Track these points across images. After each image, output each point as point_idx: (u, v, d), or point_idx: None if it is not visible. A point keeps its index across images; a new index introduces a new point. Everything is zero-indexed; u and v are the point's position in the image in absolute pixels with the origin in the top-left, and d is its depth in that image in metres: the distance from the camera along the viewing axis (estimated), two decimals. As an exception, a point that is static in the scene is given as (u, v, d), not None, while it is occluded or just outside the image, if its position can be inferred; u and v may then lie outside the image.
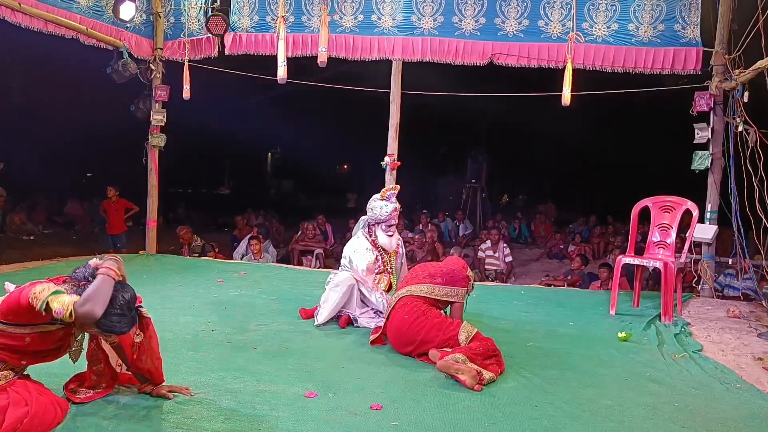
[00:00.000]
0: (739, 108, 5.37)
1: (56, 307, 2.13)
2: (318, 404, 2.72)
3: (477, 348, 3.21)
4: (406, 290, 3.60)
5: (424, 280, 3.59)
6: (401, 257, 4.54)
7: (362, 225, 4.43)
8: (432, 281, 3.57)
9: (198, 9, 6.88)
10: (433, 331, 3.36)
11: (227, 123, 12.46)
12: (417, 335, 3.38)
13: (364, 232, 4.37)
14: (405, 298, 3.56)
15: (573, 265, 8.34)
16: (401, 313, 3.50)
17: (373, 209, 4.30)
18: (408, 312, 3.47)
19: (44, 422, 2.24)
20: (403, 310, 3.50)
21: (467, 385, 2.95)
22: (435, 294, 3.54)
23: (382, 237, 4.29)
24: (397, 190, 4.37)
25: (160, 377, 2.69)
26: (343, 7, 6.47)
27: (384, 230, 4.28)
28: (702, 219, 5.54)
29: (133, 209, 8.80)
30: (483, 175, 13.25)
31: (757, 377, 3.33)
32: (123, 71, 6.51)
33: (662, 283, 4.66)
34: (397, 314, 3.52)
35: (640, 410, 2.81)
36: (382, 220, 4.27)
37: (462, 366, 3.02)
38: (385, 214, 4.25)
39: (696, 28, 5.85)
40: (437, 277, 3.58)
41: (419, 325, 3.40)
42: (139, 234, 7.94)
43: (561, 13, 6.11)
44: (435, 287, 3.55)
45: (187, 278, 5.73)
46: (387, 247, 4.32)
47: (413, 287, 3.58)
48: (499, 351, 3.29)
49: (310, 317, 4.27)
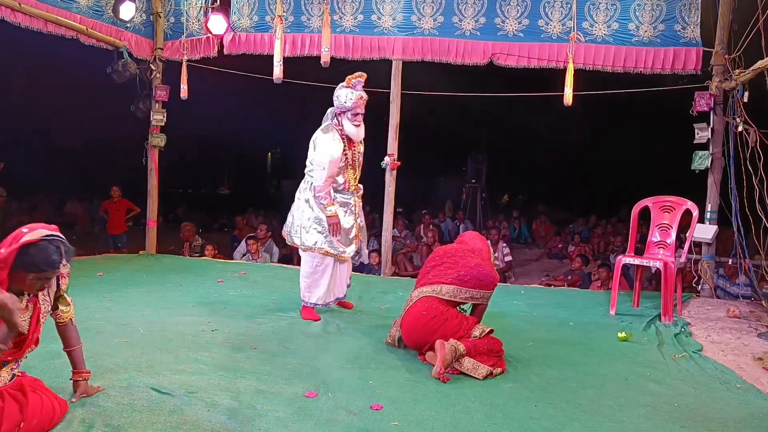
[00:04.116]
0: (739, 108, 5.37)
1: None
2: (318, 404, 2.72)
3: (482, 345, 3.23)
4: (431, 289, 3.47)
5: (453, 282, 3.46)
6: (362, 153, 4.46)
7: (330, 116, 4.36)
8: (461, 284, 3.45)
9: (198, 9, 6.88)
10: (449, 333, 3.30)
11: (227, 123, 12.45)
12: (433, 335, 3.33)
13: (332, 124, 4.29)
14: (425, 297, 3.47)
15: (573, 265, 8.35)
16: (420, 308, 3.43)
17: (338, 97, 4.25)
18: (426, 309, 3.41)
19: (42, 423, 2.23)
20: (422, 305, 3.43)
21: (437, 365, 3.08)
22: (459, 297, 3.46)
23: (348, 126, 4.23)
24: (363, 78, 4.27)
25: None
26: (343, 7, 6.47)
27: (350, 119, 4.23)
28: (702, 219, 5.54)
29: (134, 210, 8.81)
30: (483, 175, 13.26)
31: (757, 377, 3.33)
32: (123, 71, 6.51)
33: (662, 283, 4.65)
34: (416, 309, 3.46)
35: (640, 410, 2.81)
36: (348, 108, 4.21)
37: (455, 356, 3.13)
38: (350, 102, 4.19)
39: (696, 28, 5.85)
40: (467, 281, 3.46)
41: (436, 324, 3.34)
42: (139, 234, 7.94)
43: (561, 12, 6.10)
44: (461, 290, 3.45)
45: (187, 278, 5.72)
46: (353, 137, 4.27)
47: (438, 288, 3.46)
48: (503, 352, 3.33)
49: (312, 319, 4.26)
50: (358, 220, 4.43)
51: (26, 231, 2.19)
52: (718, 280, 6.23)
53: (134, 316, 4.11)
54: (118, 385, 2.77)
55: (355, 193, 4.43)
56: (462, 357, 3.17)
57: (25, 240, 2.14)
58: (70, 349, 2.56)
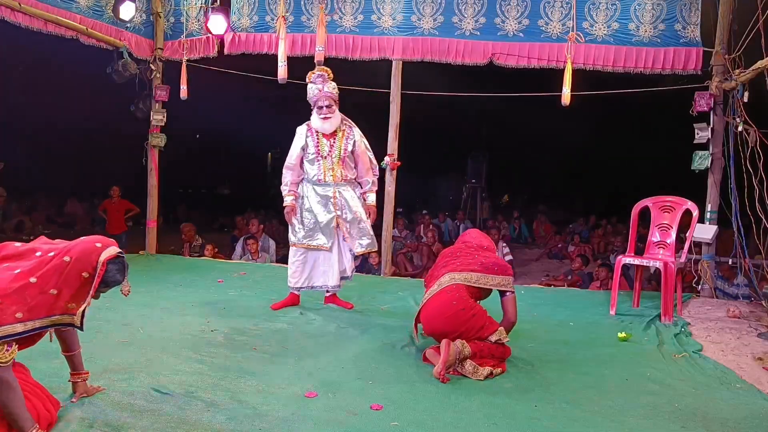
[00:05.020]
0: (739, 108, 5.37)
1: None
2: (318, 404, 2.72)
3: (488, 349, 3.23)
4: (462, 277, 3.40)
5: (479, 270, 3.42)
6: (347, 149, 4.46)
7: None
8: (486, 271, 3.42)
9: (198, 9, 6.88)
10: (472, 330, 3.27)
11: (227, 123, 12.45)
12: (458, 327, 3.26)
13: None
14: (454, 284, 3.39)
15: (573, 265, 8.35)
16: (450, 296, 3.33)
17: (307, 92, 4.45)
18: (457, 298, 3.33)
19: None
20: (454, 294, 3.35)
21: (439, 365, 3.09)
22: (488, 284, 3.40)
23: (314, 119, 4.42)
24: (324, 72, 4.42)
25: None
26: (343, 7, 6.47)
27: (316, 113, 4.39)
28: (702, 219, 5.54)
29: (133, 210, 8.81)
30: (483, 175, 13.25)
31: (757, 377, 3.33)
32: (123, 71, 6.51)
33: (662, 283, 4.65)
34: (446, 296, 3.35)
35: (641, 410, 2.81)
36: (312, 102, 4.40)
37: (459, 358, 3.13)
38: (312, 97, 4.38)
39: (696, 28, 5.84)
40: (490, 268, 3.44)
41: (464, 317, 3.27)
42: (139, 234, 7.94)
43: (561, 12, 6.10)
44: (488, 277, 3.41)
45: (187, 278, 5.72)
46: (320, 130, 4.40)
47: (468, 275, 3.40)
48: (507, 357, 3.35)
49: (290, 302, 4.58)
50: (341, 212, 4.46)
51: (100, 246, 2.30)
52: (718, 281, 6.24)
53: (134, 316, 4.11)
54: (118, 385, 2.77)
55: (340, 185, 4.46)
56: (465, 359, 3.17)
57: (109, 256, 2.29)
58: (71, 353, 2.55)
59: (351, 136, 4.49)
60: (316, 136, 4.42)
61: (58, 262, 2.21)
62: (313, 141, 4.42)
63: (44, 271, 2.18)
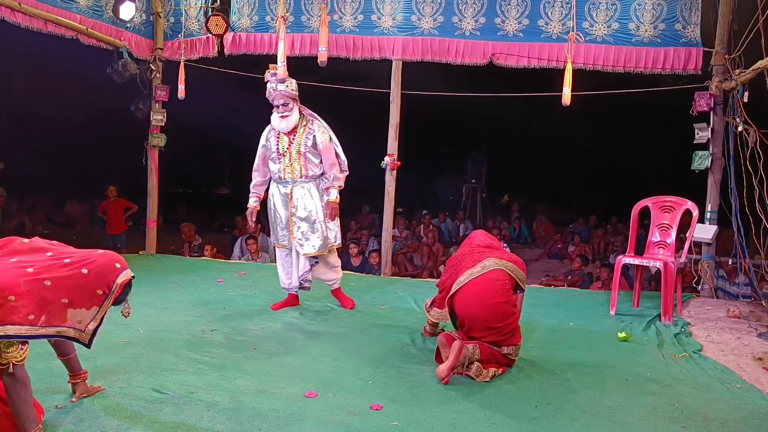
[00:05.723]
0: (739, 108, 5.37)
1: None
2: (318, 404, 2.72)
3: (496, 356, 3.22)
4: (503, 264, 3.32)
5: (510, 261, 3.38)
6: (307, 144, 4.40)
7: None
8: (517, 264, 3.39)
9: (198, 9, 6.88)
10: (503, 332, 3.20)
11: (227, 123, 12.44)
12: (496, 321, 3.18)
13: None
14: (500, 269, 3.31)
15: (573, 265, 8.35)
16: (496, 284, 3.24)
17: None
18: (501, 288, 3.24)
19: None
20: (500, 282, 3.25)
21: (445, 367, 3.05)
22: (518, 276, 3.36)
23: (273, 119, 4.41)
24: (274, 69, 4.45)
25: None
26: (343, 7, 6.47)
27: (274, 111, 4.39)
28: (702, 219, 5.54)
29: (132, 208, 8.81)
30: (483, 175, 13.25)
31: (757, 377, 3.33)
32: (123, 71, 6.50)
33: (662, 283, 4.65)
34: (490, 282, 3.25)
35: (640, 410, 2.81)
36: (270, 100, 4.39)
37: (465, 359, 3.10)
38: (269, 96, 4.39)
39: (696, 28, 5.84)
40: (518, 262, 3.41)
41: (505, 311, 3.22)
42: (139, 234, 7.94)
43: (561, 12, 6.10)
44: (518, 271, 3.38)
45: (187, 278, 5.72)
46: (278, 128, 4.39)
47: (504, 263, 3.33)
48: (512, 365, 3.33)
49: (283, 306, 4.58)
50: (295, 210, 4.41)
51: (119, 267, 2.31)
52: (718, 281, 6.24)
53: (134, 316, 4.06)
54: (118, 385, 2.77)
55: (298, 182, 4.42)
56: (472, 363, 3.15)
57: (126, 279, 2.32)
58: (66, 356, 2.53)
59: (311, 131, 4.42)
60: (276, 135, 4.43)
61: (75, 272, 2.17)
62: (274, 140, 4.43)
63: (59, 277, 2.13)
